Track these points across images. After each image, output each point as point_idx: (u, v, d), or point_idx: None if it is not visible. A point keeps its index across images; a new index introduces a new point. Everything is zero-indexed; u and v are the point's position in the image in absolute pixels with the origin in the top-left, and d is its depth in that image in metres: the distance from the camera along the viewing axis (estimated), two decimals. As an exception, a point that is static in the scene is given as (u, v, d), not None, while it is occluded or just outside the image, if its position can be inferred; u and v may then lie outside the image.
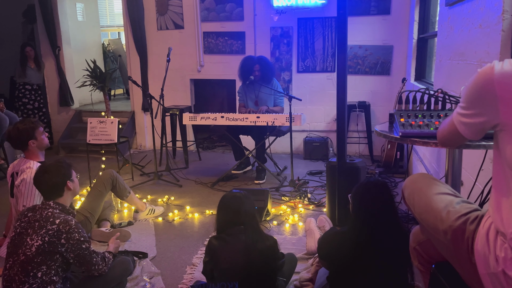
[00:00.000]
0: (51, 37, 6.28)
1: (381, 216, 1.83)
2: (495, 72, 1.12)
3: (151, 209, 3.60)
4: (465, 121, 1.26)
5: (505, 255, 1.11)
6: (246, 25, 5.56)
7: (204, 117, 4.34)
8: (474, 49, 2.50)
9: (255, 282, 1.95)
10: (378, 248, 1.81)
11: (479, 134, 1.26)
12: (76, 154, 6.05)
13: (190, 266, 2.77)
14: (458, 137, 1.32)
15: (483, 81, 1.15)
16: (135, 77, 5.70)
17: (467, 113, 1.24)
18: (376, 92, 5.35)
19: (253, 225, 2.02)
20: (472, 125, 1.24)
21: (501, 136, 1.15)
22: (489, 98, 1.14)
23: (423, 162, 3.91)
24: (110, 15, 10.03)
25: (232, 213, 2.02)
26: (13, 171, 2.87)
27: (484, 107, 1.17)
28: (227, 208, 2.06)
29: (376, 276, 1.82)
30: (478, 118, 1.20)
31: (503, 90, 1.11)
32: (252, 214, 2.04)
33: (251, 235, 1.97)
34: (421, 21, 4.68)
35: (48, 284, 2.09)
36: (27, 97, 6.16)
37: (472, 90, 1.20)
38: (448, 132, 1.38)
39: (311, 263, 2.63)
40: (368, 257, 1.83)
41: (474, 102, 1.20)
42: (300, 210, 3.62)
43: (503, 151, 1.14)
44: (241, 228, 1.98)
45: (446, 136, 1.41)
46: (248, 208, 2.04)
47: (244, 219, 2.00)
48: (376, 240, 1.82)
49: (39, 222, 2.14)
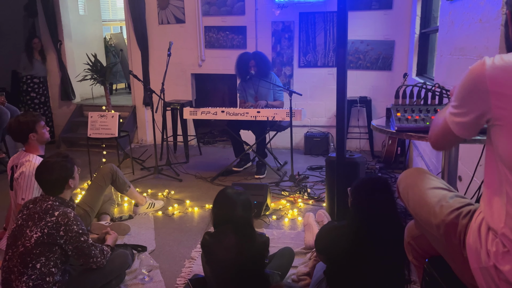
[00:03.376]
0: (52, 31, 6.28)
1: (381, 212, 1.83)
2: (486, 67, 1.12)
3: (151, 203, 3.61)
4: (459, 120, 1.24)
5: (496, 249, 1.11)
6: (247, 19, 5.54)
7: (204, 111, 4.34)
8: (474, 44, 2.49)
9: (245, 277, 1.97)
10: (376, 243, 1.81)
11: (474, 131, 1.25)
12: (77, 148, 6.07)
13: (188, 259, 2.79)
14: (452, 137, 1.30)
15: (475, 77, 1.15)
16: (136, 72, 5.70)
17: (460, 112, 1.23)
18: (377, 87, 5.33)
19: (245, 226, 2.03)
20: (466, 123, 1.22)
21: (493, 131, 1.14)
22: (481, 93, 1.14)
23: (423, 158, 3.91)
24: (112, 9, 10.02)
25: (225, 213, 2.04)
26: (13, 164, 2.89)
27: (476, 103, 1.16)
28: (221, 207, 2.08)
29: (373, 271, 1.82)
30: (471, 115, 1.19)
31: (494, 85, 1.10)
32: (244, 217, 2.04)
33: (242, 234, 1.98)
34: (423, 16, 4.66)
35: (47, 275, 2.11)
36: (35, 91, 6.18)
37: (465, 86, 1.20)
38: (442, 134, 1.35)
39: (309, 258, 2.63)
40: (365, 251, 1.83)
41: (466, 99, 1.19)
42: (299, 205, 3.63)
43: (495, 146, 1.14)
44: (233, 226, 2.00)
45: (440, 138, 1.38)
46: (241, 210, 2.04)
47: (236, 220, 2.01)
48: (374, 235, 1.82)
49: (38, 214, 2.16)
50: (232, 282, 1.97)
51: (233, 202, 2.04)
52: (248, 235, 2.02)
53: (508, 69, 1.09)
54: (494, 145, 1.15)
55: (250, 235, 2.04)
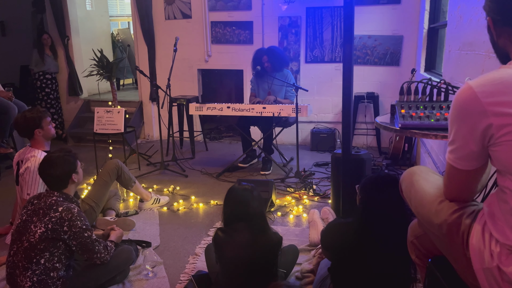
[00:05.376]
0: (60, 27, 6.30)
1: (389, 211, 1.81)
2: (473, 88, 1.10)
3: (156, 199, 3.62)
4: (461, 154, 1.17)
5: (500, 250, 1.09)
6: (253, 14, 5.51)
7: (210, 107, 4.33)
8: (482, 39, 2.44)
9: (257, 275, 1.96)
10: (382, 241, 1.79)
11: (482, 159, 1.17)
12: (85, 143, 6.11)
13: (193, 256, 2.79)
14: (464, 176, 1.20)
15: (465, 100, 1.12)
16: (143, 67, 5.71)
17: (460, 144, 1.16)
18: (385, 83, 5.28)
19: (259, 222, 2.01)
20: (470, 153, 1.15)
21: (497, 145, 1.10)
22: (476, 115, 1.10)
23: (430, 155, 3.86)
24: (120, 5, 10.02)
25: (240, 209, 2.01)
26: (19, 160, 2.91)
27: (473, 127, 1.11)
28: (235, 203, 2.03)
29: (378, 268, 1.80)
30: (471, 144, 1.13)
31: (489, 97, 1.08)
32: (259, 212, 2.02)
33: (256, 232, 1.96)
34: (432, 10, 4.59)
35: (51, 270, 2.12)
36: (48, 87, 6.22)
37: (456, 114, 1.16)
38: (453, 181, 1.24)
39: (313, 255, 2.63)
40: (371, 249, 1.81)
41: (462, 123, 1.14)
42: (305, 202, 3.61)
43: (499, 159, 1.11)
44: (247, 224, 1.98)
45: (452, 187, 1.26)
46: (257, 205, 2.02)
47: (251, 216, 1.99)
48: (380, 233, 1.80)
49: (43, 210, 2.17)
50: (243, 279, 1.96)
51: (246, 199, 2.01)
52: (263, 229, 2.00)
53: (495, 82, 1.09)
54: (498, 159, 1.11)
55: (265, 229, 2.02)
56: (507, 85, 1.07)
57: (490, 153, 1.13)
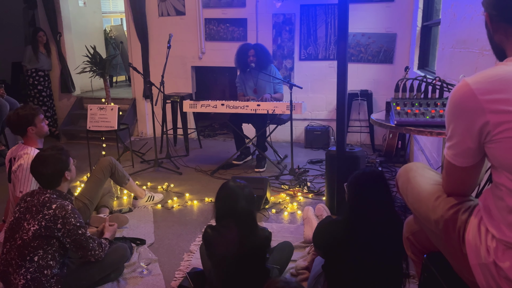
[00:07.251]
0: (52, 23, 6.23)
1: (376, 206, 1.82)
2: (470, 84, 1.11)
3: (150, 196, 3.61)
4: (458, 150, 1.18)
5: (496, 245, 1.10)
6: (247, 11, 5.50)
7: (204, 104, 4.32)
8: (476, 37, 2.46)
9: (247, 270, 1.97)
10: (373, 237, 1.80)
11: (477, 155, 1.17)
12: (77, 141, 6.06)
13: (187, 253, 2.78)
14: (462, 173, 1.21)
15: (461, 96, 1.13)
16: (136, 64, 5.67)
17: (457, 141, 1.17)
18: (378, 80, 5.30)
19: (248, 220, 2.01)
20: (467, 150, 1.16)
21: (494, 142, 1.10)
22: (472, 112, 1.10)
23: (423, 152, 3.89)
24: (112, 1, 9.95)
25: (228, 204, 2.02)
26: (11, 157, 2.88)
27: (470, 123, 1.12)
28: (224, 200, 2.05)
29: (370, 265, 1.81)
30: (468, 140, 1.14)
31: (485, 93, 1.09)
32: (248, 210, 2.02)
33: (243, 230, 1.97)
34: (425, 8, 4.61)
35: (45, 268, 2.11)
36: (41, 84, 6.15)
37: (452, 112, 1.16)
38: (451, 176, 1.25)
39: (307, 252, 2.63)
40: (362, 246, 1.82)
41: (459, 120, 1.15)
42: (299, 199, 3.62)
43: (495, 157, 1.12)
44: (235, 221, 1.98)
45: (450, 182, 1.27)
46: (245, 203, 2.02)
47: (240, 213, 1.99)
48: (370, 230, 1.81)
49: (36, 207, 2.15)
50: (233, 275, 1.97)
51: (236, 195, 2.01)
52: (250, 228, 2.01)
53: (492, 79, 1.10)
54: (495, 156, 1.11)
55: (252, 228, 2.03)
56: (504, 82, 1.08)
57: (485, 150, 1.14)
